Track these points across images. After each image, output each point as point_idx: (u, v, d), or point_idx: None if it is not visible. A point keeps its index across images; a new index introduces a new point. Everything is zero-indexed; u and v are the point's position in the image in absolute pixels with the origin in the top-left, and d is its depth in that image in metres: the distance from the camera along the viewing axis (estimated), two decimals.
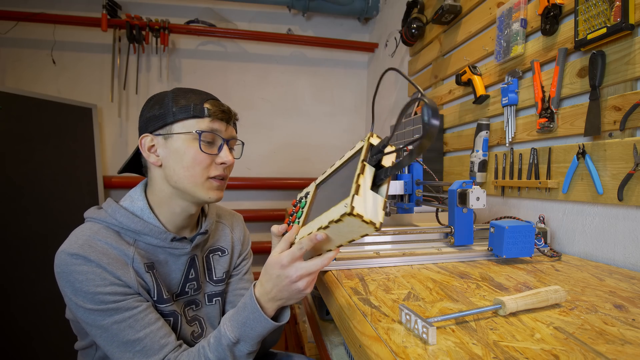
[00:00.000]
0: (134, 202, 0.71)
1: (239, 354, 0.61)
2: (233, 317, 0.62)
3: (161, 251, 0.71)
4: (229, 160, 0.71)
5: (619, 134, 0.80)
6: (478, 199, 0.82)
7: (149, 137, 0.70)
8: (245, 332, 0.60)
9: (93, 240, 0.62)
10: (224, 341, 0.60)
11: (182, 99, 0.69)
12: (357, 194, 0.43)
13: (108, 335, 0.59)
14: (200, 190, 0.70)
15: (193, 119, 0.68)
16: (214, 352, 0.61)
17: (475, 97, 1.26)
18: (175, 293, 0.73)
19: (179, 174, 0.68)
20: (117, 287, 0.60)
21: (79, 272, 0.58)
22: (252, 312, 0.60)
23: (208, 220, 0.80)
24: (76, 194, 2.00)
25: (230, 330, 0.61)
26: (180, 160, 0.68)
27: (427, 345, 0.42)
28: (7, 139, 1.76)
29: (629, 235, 0.80)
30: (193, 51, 2.53)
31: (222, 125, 0.70)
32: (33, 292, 1.67)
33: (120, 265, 0.62)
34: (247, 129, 2.60)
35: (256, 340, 0.61)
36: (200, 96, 0.70)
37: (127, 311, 0.60)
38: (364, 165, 0.47)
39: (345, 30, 2.76)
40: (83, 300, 0.58)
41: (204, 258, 0.81)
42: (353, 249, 0.86)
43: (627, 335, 0.45)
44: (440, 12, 1.45)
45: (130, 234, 0.67)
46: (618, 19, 0.77)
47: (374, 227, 0.43)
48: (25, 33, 2.25)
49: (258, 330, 0.60)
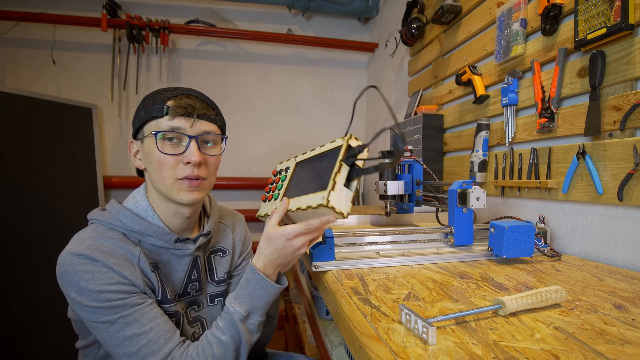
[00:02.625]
0: (138, 203, 0.71)
1: (251, 326, 0.66)
2: (238, 294, 0.66)
3: (165, 252, 0.71)
4: (195, 159, 0.65)
5: (619, 134, 0.80)
6: (478, 199, 0.82)
7: (133, 143, 0.72)
8: (254, 304, 0.65)
9: (99, 242, 0.62)
10: (236, 317, 0.63)
11: (150, 100, 0.68)
12: (333, 189, 0.54)
13: (113, 331, 0.59)
14: (172, 192, 0.67)
15: (153, 120, 0.66)
16: (227, 332, 0.63)
17: (475, 97, 1.26)
18: (177, 294, 0.73)
19: (153, 177, 0.68)
20: (123, 286, 0.61)
21: (84, 271, 0.59)
22: (257, 283, 0.65)
23: (210, 221, 0.80)
24: (76, 194, 2.00)
25: (239, 305, 0.64)
26: (150, 163, 0.67)
27: (427, 345, 0.42)
28: (7, 139, 1.76)
29: (629, 235, 0.80)
30: (193, 51, 2.53)
31: (186, 121, 0.66)
32: (33, 292, 1.67)
33: (126, 265, 0.63)
34: (247, 129, 2.60)
35: (265, 309, 0.67)
36: (167, 94, 0.67)
37: (133, 307, 0.60)
38: (341, 164, 0.56)
39: (345, 30, 2.76)
40: (87, 299, 0.58)
41: (206, 259, 0.81)
42: (353, 249, 0.86)
43: (627, 335, 0.45)
44: (440, 12, 1.45)
45: (135, 235, 0.67)
46: (618, 19, 0.77)
47: (343, 216, 0.56)
48: (25, 33, 2.25)
49: (266, 298, 0.66)
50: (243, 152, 2.59)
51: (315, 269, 0.76)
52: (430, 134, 1.53)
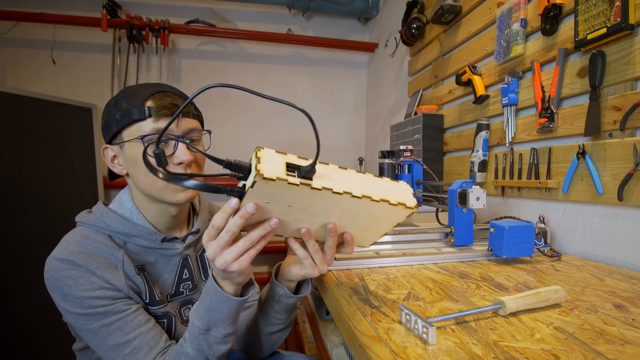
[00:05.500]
0: (123, 204, 0.70)
1: (214, 340, 0.58)
2: (199, 305, 0.58)
3: (152, 252, 0.70)
4: (186, 159, 0.63)
5: (619, 134, 0.80)
6: (478, 199, 0.82)
7: (108, 149, 0.68)
8: (212, 317, 0.56)
9: (83, 245, 0.62)
10: (195, 331, 0.57)
11: (124, 101, 0.64)
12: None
13: (98, 339, 0.59)
14: (165, 194, 0.66)
15: (135, 123, 0.62)
16: (191, 345, 0.58)
17: (475, 97, 1.26)
18: (169, 294, 0.72)
19: (142, 181, 0.65)
20: (106, 292, 0.60)
21: (67, 277, 0.58)
22: (214, 294, 0.55)
23: (200, 219, 0.79)
24: (76, 194, 2.00)
25: (198, 319, 0.57)
26: (137, 168, 0.64)
27: (427, 345, 0.42)
28: (7, 139, 1.76)
29: (629, 235, 0.80)
30: (193, 51, 2.53)
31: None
32: (33, 292, 1.67)
33: (109, 269, 0.61)
34: (247, 129, 2.60)
35: (228, 322, 0.57)
36: (143, 93, 0.63)
37: (116, 314, 0.59)
38: None
39: (345, 30, 2.76)
40: (71, 305, 0.58)
41: (198, 257, 0.80)
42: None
43: (627, 335, 0.45)
44: (440, 12, 1.45)
45: (120, 236, 0.66)
46: (618, 19, 0.77)
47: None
48: (25, 33, 2.24)
49: (225, 312, 0.56)
50: (243, 152, 2.59)
51: None
52: (430, 134, 1.53)
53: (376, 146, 2.58)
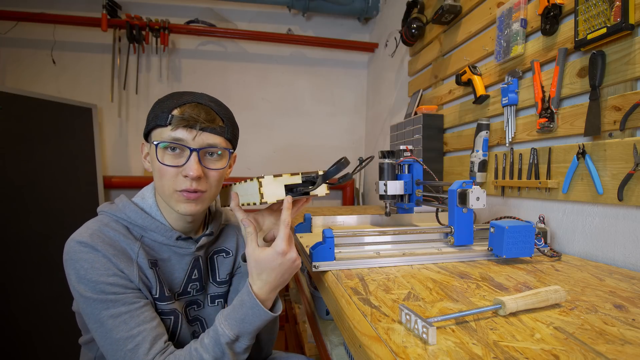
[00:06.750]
0: (145, 199, 0.73)
1: (239, 349, 0.63)
2: (230, 315, 0.62)
3: (166, 249, 0.72)
4: (192, 174, 0.63)
5: (619, 134, 0.80)
6: (478, 199, 0.82)
7: (144, 145, 0.72)
8: (244, 328, 0.62)
9: (102, 232, 0.64)
10: (223, 339, 0.60)
11: (159, 106, 0.66)
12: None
13: (103, 331, 0.60)
14: (170, 201, 0.67)
15: (157, 128, 0.65)
16: (211, 352, 0.60)
17: (475, 97, 1.26)
18: (177, 292, 0.73)
19: (156, 183, 0.69)
20: (118, 279, 0.61)
21: (85, 260, 0.60)
22: (251, 308, 0.61)
23: (215, 222, 0.81)
24: (76, 194, 2.00)
25: (229, 328, 0.61)
26: (153, 170, 0.68)
27: (427, 345, 0.42)
28: (7, 139, 1.76)
29: (629, 235, 0.80)
30: (193, 51, 2.53)
31: (189, 133, 0.64)
32: (33, 292, 1.67)
33: (124, 259, 0.63)
34: (247, 129, 2.60)
35: (254, 334, 0.64)
36: (175, 102, 0.65)
37: (124, 306, 0.61)
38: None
39: (345, 30, 2.77)
40: (85, 287, 0.59)
41: (208, 259, 0.81)
42: (353, 249, 0.86)
43: (627, 335, 0.45)
44: (440, 12, 1.45)
45: (138, 229, 0.69)
46: (618, 19, 0.77)
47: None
48: (25, 33, 2.25)
49: (257, 324, 0.62)
50: (243, 152, 2.59)
51: (315, 269, 0.75)
52: (430, 134, 1.53)
53: (376, 146, 2.58)
